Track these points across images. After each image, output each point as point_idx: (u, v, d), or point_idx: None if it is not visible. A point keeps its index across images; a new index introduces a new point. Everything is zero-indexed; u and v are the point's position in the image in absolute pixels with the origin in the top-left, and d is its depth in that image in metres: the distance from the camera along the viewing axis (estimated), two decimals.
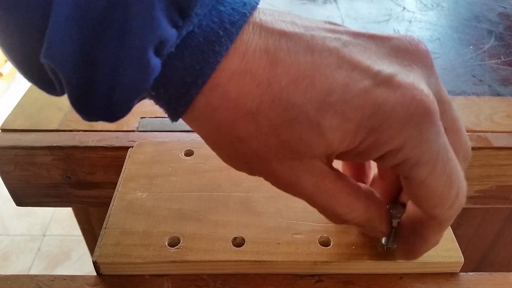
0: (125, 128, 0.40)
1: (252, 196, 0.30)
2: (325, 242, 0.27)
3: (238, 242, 0.27)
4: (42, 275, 0.27)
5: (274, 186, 0.22)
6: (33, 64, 0.18)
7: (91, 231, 0.52)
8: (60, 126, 0.40)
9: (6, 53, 0.19)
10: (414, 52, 0.20)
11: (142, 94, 0.19)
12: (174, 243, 0.27)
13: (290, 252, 0.27)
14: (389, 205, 0.25)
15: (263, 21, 0.19)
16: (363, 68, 0.19)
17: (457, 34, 0.57)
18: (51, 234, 1.21)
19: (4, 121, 0.41)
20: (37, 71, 0.19)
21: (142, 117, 0.41)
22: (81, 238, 0.54)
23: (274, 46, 0.19)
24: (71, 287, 0.26)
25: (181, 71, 0.19)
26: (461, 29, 0.58)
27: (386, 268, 0.27)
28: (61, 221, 1.24)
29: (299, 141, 0.19)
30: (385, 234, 0.25)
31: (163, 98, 0.20)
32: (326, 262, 0.27)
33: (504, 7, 0.64)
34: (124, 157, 0.34)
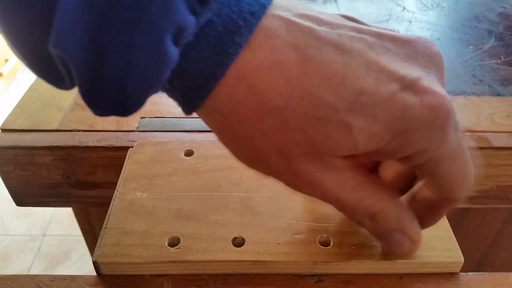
0: (125, 128, 0.40)
1: (252, 196, 0.30)
2: (325, 242, 0.27)
3: (238, 242, 0.27)
4: (42, 275, 0.27)
5: (289, 186, 0.22)
6: (41, 57, 0.18)
7: (91, 231, 0.52)
8: (60, 126, 0.40)
9: (12, 46, 0.18)
10: (431, 55, 0.20)
11: (157, 87, 0.18)
12: (174, 243, 0.27)
13: (290, 252, 0.27)
14: None
15: (288, 16, 0.19)
16: (390, 71, 0.19)
17: (457, 34, 0.57)
18: (51, 234, 1.21)
19: (4, 121, 0.41)
20: (45, 63, 0.18)
21: (142, 117, 0.41)
22: (81, 238, 0.54)
23: (304, 42, 0.19)
24: (71, 287, 0.26)
25: (199, 62, 0.18)
26: (461, 29, 0.58)
27: (386, 268, 0.27)
28: (61, 221, 1.24)
29: (325, 139, 0.19)
30: (415, 240, 0.24)
31: (178, 91, 0.20)
32: (326, 262, 0.26)
33: (504, 7, 0.64)
34: (124, 157, 0.34)
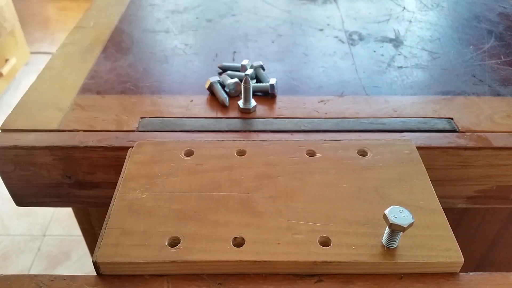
0: (125, 128, 0.40)
1: (252, 196, 0.30)
2: (325, 242, 0.27)
3: (238, 242, 0.27)
4: (42, 275, 0.27)
5: None
6: None
7: (91, 231, 0.52)
8: (60, 126, 0.40)
9: None
10: None
11: None
12: (174, 243, 0.27)
13: (290, 252, 0.27)
14: None
15: None
16: None
17: (457, 34, 0.57)
18: (51, 234, 1.21)
19: (4, 121, 0.41)
20: None
21: (142, 117, 0.41)
22: (81, 238, 0.54)
23: None
24: (71, 287, 0.26)
25: None
26: (461, 29, 0.58)
27: (386, 268, 0.27)
28: (61, 221, 1.24)
29: None
30: None
31: None
32: (326, 262, 0.26)
33: (504, 7, 0.64)
34: (124, 157, 0.34)
